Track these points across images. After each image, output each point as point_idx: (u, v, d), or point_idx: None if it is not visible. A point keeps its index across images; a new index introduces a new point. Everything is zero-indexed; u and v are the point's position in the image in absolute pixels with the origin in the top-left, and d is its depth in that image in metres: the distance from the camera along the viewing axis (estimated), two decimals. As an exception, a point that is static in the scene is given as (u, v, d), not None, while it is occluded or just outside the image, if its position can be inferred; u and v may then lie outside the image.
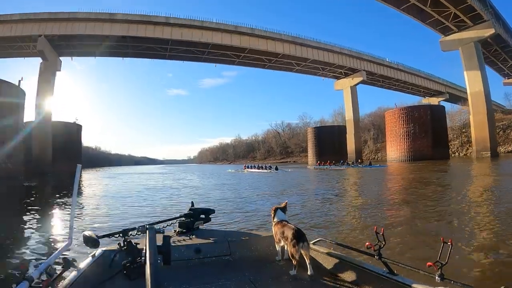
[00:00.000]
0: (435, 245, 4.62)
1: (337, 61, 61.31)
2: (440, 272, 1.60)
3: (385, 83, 76.23)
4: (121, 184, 24.59)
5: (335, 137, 68.76)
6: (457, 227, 6.55)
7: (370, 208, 9.06)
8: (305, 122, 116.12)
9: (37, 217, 9.09)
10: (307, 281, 2.04)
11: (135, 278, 1.96)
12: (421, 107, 59.82)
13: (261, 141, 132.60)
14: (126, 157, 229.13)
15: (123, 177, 35.91)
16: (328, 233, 6.14)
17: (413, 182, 17.59)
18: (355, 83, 66.35)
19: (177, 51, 51.38)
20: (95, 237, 2.03)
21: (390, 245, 4.87)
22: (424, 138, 55.41)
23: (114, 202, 12.58)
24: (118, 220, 8.22)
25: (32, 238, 6.43)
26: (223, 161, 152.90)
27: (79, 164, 2.24)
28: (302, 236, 2.12)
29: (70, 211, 2.89)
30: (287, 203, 2.65)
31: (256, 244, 2.62)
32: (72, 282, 1.72)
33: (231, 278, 2.11)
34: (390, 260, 1.85)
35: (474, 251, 4.68)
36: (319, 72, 65.56)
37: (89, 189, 19.87)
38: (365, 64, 66.20)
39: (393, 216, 7.94)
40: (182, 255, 2.39)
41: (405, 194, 12.75)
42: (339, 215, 8.40)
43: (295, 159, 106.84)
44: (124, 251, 2.13)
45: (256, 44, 51.98)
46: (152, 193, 16.07)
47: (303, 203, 10.62)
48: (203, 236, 2.72)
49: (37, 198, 15.28)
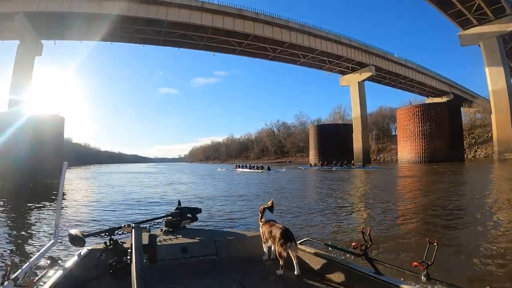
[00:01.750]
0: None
1: (345, 54, 55.77)
2: (426, 272, 1.60)
3: (392, 80, 71.01)
4: (95, 188, 18.45)
5: (339, 135, 63.24)
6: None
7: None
8: (302, 121, 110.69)
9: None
10: (294, 280, 2.04)
11: (121, 277, 1.86)
12: (437, 105, 54.83)
13: (255, 140, 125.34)
14: (117, 155, 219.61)
15: (104, 178, 29.80)
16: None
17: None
18: (363, 78, 60.95)
19: (172, 36, 44.60)
20: (81, 235, 1.99)
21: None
22: (440, 138, 50.43)
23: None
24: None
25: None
26: (214, 160, 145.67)
27: (65, 162, 2.20)
28: (290, 236, 2.10)
29: (55, 209, 2.31)
30: (273, 202, 2.59)
31: (243, 243, 2.58)
32: (57, 281, 1.69)
33: (218, 277, 2.10)
34: (377, 260, 1.85)
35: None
36: (325, 66, 59.86)
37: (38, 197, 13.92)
38: (374, 58, 60.90)
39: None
40: (168, 255, 2.32)
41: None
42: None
43: (291, 159, 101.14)
44: (110, 250, 2.04)
45: (260, 31, 45.86)
46: (130, 212, 9.03)
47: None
48: (190, 235, 2.64)
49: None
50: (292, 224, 6.53)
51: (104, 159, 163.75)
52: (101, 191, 16.39)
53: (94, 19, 39.24)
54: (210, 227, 6.32)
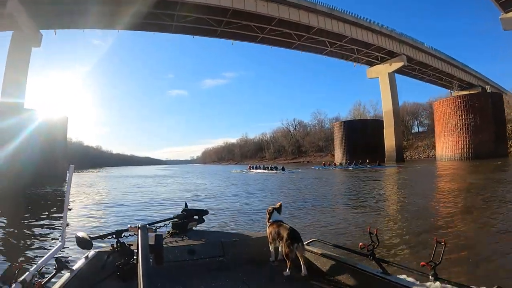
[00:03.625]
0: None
1: (376, 42, 49.58)
2: (434, 271, 1.57)
3: (420, 72, 64.33)
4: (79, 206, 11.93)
5: (368, 132, 56.85)
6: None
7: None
8: (320, 119, 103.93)
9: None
10: (301, 281, 2.00)
11: (128, 280, 1.86)
12: (481, 95, 47.84)
13: (271, 140, 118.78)
14: (129, 157, 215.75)
15: (106, 184, 25.15)
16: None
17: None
18: (394, 69, 54.56)
19: (186, 21, 38.94)
20: (88, 238, 1.94)
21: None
22: (485, 131, 43.71)
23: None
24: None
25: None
26: (228, 161, 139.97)
27: (71, 165, 2.18)
28: (297, 237, 2.07)
29: (62, 212, 2.24)
30: (281, 204, 2.52)
31: (249, 245, 2.53)
32: (65, 284, 1.65)
33: (225, 279, 2.07)
34: (384, 260, 1.81)
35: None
36: (353, 56, 53.69)
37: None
38: (404, 47, 54.51)
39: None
40: (175, 257, 2.27)
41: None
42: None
43: (308, 158, 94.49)
44: (117, 252, 2.04)
45: (286, 14, 40.03)
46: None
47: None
48: (197, 237, 2.58)
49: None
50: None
51: (116, 162, 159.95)
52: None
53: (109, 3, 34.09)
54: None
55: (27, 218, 8.61)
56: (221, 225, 6.96)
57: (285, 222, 2.30)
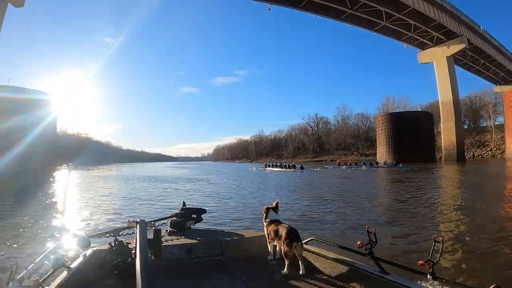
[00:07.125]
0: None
1: (438, 18, 40.13)
2: (432, 270, 1.54)
3: (472, 60, 54.38)
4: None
5: (421, 126, 47.09)
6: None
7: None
8: (344, 115, 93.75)
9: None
10: (299, 280, 1.92)
11: (126, 278, 1.79)
12: None
13: (289, 137, 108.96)
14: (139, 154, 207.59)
15: (104, 189, 18.16)
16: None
17: None
18: (453, 52, 45.01)
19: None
20: (86, 236, 1.89)
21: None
22: None
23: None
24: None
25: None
26: (242, 159, 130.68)
27: (70, 163, 2.95)
28: (296, 236, 2.01)
29: (60, 210, 3.16)
30: (278, 203, 2.42)
31: (248, 244, 2.45)
32: (62, 282, 1.61)
33: (223, 277, 1.98)
34: (382, 259, 1.75)
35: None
36: (406, 36, 44.29)
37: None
38: (463, 29, 44.82)
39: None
40: (173, 255, 2.21)
41: None
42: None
43: (331, 157, 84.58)
44: (115, 250, 1.99)
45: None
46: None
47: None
48: (195, 236, 2.50)
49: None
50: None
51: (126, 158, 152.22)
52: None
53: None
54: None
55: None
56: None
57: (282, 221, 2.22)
